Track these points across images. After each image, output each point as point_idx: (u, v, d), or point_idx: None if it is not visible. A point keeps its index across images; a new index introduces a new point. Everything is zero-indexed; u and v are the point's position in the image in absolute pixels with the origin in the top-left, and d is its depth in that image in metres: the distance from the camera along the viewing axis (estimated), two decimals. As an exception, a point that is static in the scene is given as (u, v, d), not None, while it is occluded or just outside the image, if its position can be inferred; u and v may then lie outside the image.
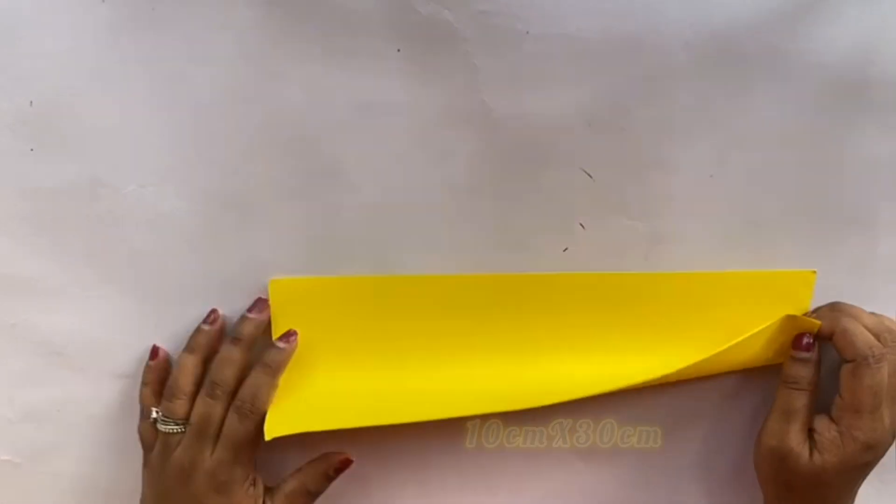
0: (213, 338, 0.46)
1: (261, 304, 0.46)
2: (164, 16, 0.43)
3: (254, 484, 0.46)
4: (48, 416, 0.48)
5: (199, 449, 0.44)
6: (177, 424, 0.45)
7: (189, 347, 0.46)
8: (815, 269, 0.48)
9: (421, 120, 0.45)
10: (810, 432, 0.46)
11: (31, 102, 0.43)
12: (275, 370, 0.46)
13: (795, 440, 0.46)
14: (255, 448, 0.45)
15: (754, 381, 0.50)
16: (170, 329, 0.48)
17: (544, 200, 0.46)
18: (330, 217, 0.46)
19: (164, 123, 0.44)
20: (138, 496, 0.47)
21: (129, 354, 0.48)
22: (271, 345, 0.46)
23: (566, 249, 0.47)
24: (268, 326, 0.46)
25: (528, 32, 0.43)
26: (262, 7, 0.42)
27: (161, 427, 0.45)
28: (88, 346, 0.47)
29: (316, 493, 0.47)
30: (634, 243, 0.47)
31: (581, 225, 0.47)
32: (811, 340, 0.46)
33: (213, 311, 0.46)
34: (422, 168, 0.46)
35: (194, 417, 0.45)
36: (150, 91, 0.44)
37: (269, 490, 0.46)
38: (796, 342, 0.47)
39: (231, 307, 0.47)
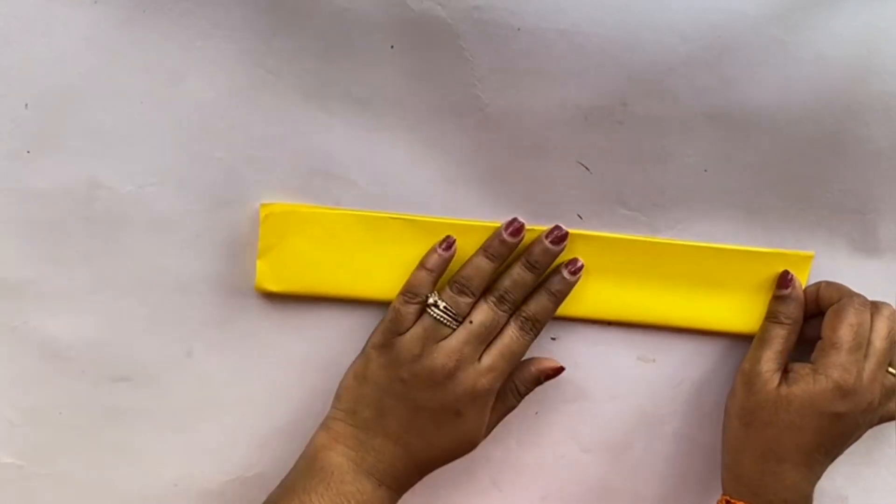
0: (511, 249, 0.46)
1: (558, 232, 0.46)
2: (157, 16, 0.43)
3: (494, 397, 0.46)
4: (50, 418, 0.48)
5: (473, 351, 0.44)
6: (455, 319, 0.45)
7: (488, 253, 0.46)
8: (814, 252, 0.48)
9: (416, 116, 0.45)
10: (785, 371, 0.46)
11: (26, 105, 0.44)
12: (559, 298, 0.46)
13: (766, 366, 0.46)
14: (516, 364, 0.46)
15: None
16: (170, 330, 0.48)
17: (541, 193, 0.46)
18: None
19: (160, 123, 0.44)
20: (139, 497, 0.47)
21: (129, 356, 0.48)
22: (558, 271, 0.46)
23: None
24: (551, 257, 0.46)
25: (520, 28, 0.43)
26: (254, 6, 0.43)
27: (436, 314, 0.45)
28: (89, 348, 0.48)
29: (524, 394, 0.48)
30: (633, 233, 0.47)
31: (579, 216, 0.47)
32: (791, 277, 0.47)
33: (515, 220, 0.46)
34: (418, 163, 0.46)
35: (479, 319, 0.45)
36: (145, 91, 0.44)
37: None
38: (779, 281, 0.47)
39: (232, 307, 0.48)
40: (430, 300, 0.45)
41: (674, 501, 0.52)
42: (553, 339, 0.49)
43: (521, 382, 0.47)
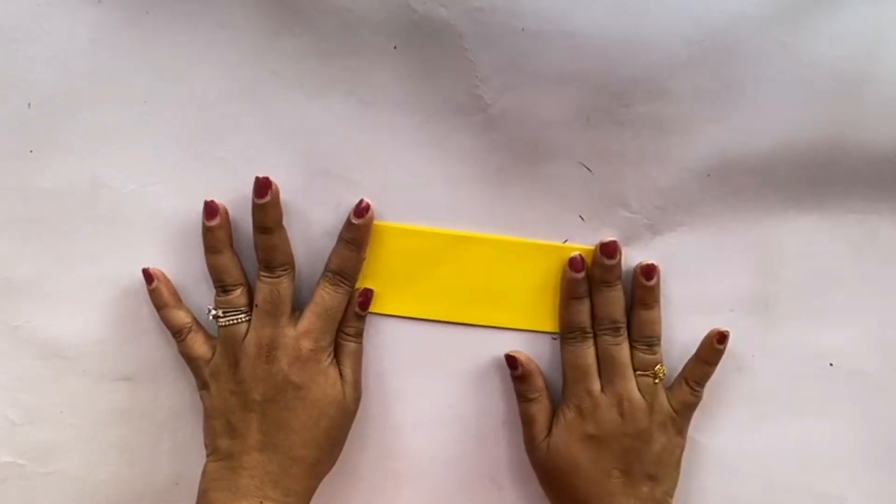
0: (227, 231, 0.45)
1: (263, 185, 0.44)
2: (160, 16, 0.43)
3: (331, 356, 0.46)
4: (51, 417, 0.48)
5: (275, 324, 0.44)
6: (242, 313, 0.45)
7: (213, 249, 0.45)
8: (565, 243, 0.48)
9: (418, 116, 0.45)
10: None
11: (30, 104, 0.44)
12: (358, 245, 0.46)
13: (539, 439, 0.47)
14: (338, 320, 0.46)
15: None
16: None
17: (543, 194, 0.46)
18: (329, 214, 0.46)
19: (163, 123, 0.45)
20: (140, 496, 0.47)
21: (130, 355, 0.48)
22: (349, 223, 0.46)
23: (566, 241, 0.47)
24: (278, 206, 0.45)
25: (523, 29, 0.43)
26: (257, 6, 0.43)
27: (224, 321, 0.45)
28: (90, 348, 0.47)
29: (356, 334, 0.47)
30: (635, 235, 0.47)
31: (581, 217, 0.47)
32: (515, 358, 0.47)
33: (210, 203, 0.45)
34: (420, 164, 0.46)
35: (261, 296, 0.44)
36: (148, 91, 0.44)
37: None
38: (508, 362, 0.48)
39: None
40: (211, 314, 0.45)
41: (673, 502, 0.52)
42: (554, 338, 0.49)
43: (346, 327, 0.46)
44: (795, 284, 0.48)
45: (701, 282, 0.48)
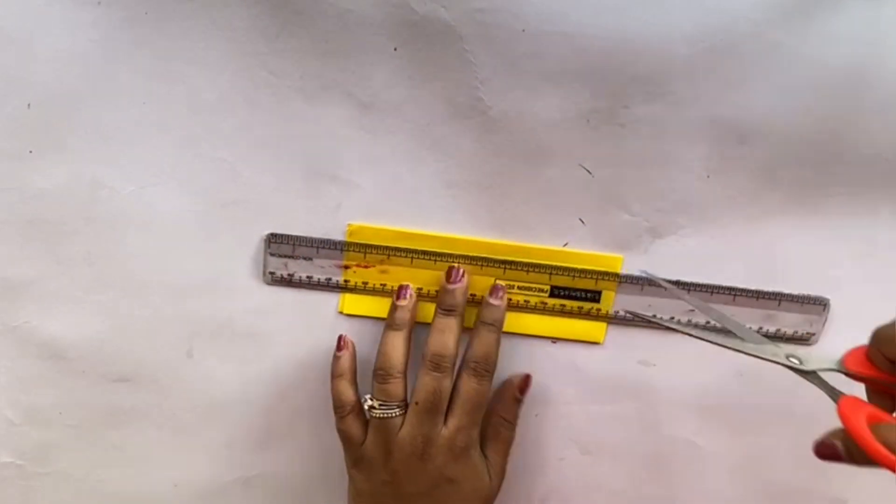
0: (414, 313, 0.46)
1: (456, 273, 0.45)
2: (160, 17, 0.43)
3: (478, 447, 0.46)
4: (50, 418, 0.48)
5: (432, 424, 0.44)
6: (398, 407, 0.44)
7: (394, 326, 0.45)
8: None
9: (419, 118, 0.45)
10: None
11: (29, 105, 0.44)
12: (498, 326, 0.46)
13: None
14: (484, 409, 0.46)
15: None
16: (170, 330, 0.48)
17: (543, 197, 0.46)
18: (328, 217, 0.46)
19: (162, 124, 0.44)
20: (139, 497, 0.47)
21: (129, 356, 0.48)
22: (487, 304, 0.46)
23: (566, 244, 0.47)
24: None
25: (524, 30, 0.43)
26: (257, 7, 0.42)
27: (378, 414, 0.44)
28: (89, 348, 0.48)
29: (514, 420, 0.48)
30: (635, 238, 0.47)
31: (581, 220, 0.47)
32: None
33: (406, 287, 0.46)
34: (420, 166, 0.46)
35: (423, 394, 0.44)
36: (148, 92, 0.44)
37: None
38: None
39: (233, 308, 0.48)
40: (367, 405, 0.45)
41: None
42: (553, 342, 0.49)
43: (505, 413, 0.48)
44: (794, 288, 0.48)
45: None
